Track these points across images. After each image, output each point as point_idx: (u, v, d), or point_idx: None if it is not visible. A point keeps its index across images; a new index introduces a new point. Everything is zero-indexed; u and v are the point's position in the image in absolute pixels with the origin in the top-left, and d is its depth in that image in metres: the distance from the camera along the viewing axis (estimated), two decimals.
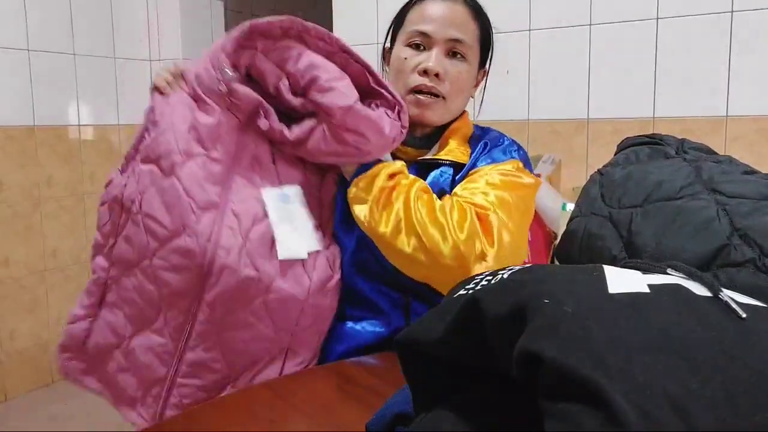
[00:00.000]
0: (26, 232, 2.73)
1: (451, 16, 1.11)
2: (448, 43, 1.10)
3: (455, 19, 1.11)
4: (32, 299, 2.76)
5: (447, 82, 1.11)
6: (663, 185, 0.70)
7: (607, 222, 0.70)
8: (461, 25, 1.11)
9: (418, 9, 1.13)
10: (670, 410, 0.36)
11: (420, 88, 1.10)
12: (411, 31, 1.12)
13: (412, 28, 1.12)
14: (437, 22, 1.10)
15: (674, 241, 0.63)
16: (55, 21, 2.77)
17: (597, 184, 0.77)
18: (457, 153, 1.13)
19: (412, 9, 1.15)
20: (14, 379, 2.71)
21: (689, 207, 0.65)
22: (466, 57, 1.12)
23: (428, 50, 1.11)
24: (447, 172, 1.12)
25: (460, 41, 1.11)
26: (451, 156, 1.12)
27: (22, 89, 2.67)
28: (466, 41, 1.11)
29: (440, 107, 1.12)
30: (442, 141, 1.16)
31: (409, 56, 1.11)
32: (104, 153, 3.02)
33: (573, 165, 2.14)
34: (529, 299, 0.44)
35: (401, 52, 1.13)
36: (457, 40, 1.10)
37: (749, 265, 0.58)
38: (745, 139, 1.89)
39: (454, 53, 1.12)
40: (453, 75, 1.11)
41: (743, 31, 1.86)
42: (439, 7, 1.11)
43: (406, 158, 1.15)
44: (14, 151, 2.66)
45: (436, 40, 1.10)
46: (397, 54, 1.14)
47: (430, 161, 1.13)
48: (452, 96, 1.12)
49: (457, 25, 1.11)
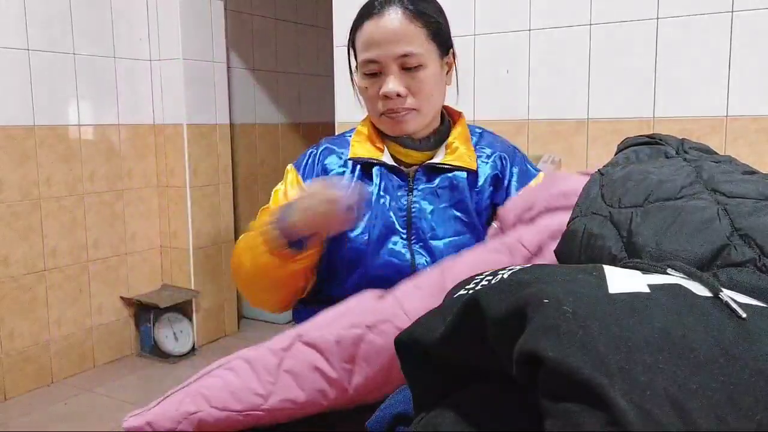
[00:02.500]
0: (26, 231, 2.73)
1: (391, 33, 1.07)
2: (398, 60, 1.08)
3: (396, 35, 1.07)
4: (32, 299, 2.76)
5: (411, 96, 1.10)
6: (663, 185, 0.69)
7: (608, 222, 0.70)
8: (404, 36, 1.08)
9: (360, 35, 1.11)
10: (671, 410, 0.36)
11: (389, 113, 1.11)
12: (361, 61, 1.11)
13: (362, 58, 1.11)
14: (380, 44, 1.08)
15: (674, 241, 0.63)
16: (55, 21, 2.77)
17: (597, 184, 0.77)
18: (465, 159, 1.15)
19: (357, 35, 1.12)
20: (14, 379, 2.71)
21: (689, 207, 0.65)
22: (422, 64, 1.10)
23: (384, 74, 1.09)
24: (461, 177, 1.14)
25: (408, 54, 1.08)
26: (460, 162, 1.14)
27: (22, 89, 2.67)
28: (415, 51, 1.08)
29: (415, 117, 1.12)
30: (449, 146, 1.16)
31: (369, 85, 1.11)
32: (104, 152, 3.02)
33: (573, 165, 2.14)
34: (529, 299, 0.44)
35: (361, 82, 1.13)
36: (405, 54, 1.08)
37: (749, 265, 0.58)
38: (745, 139, 1.89)
39: (409, 67, 1.09)
40: (415, 87, 1.10)
41: (743, 31, 1.86)
42: (376, 27, 1.08)
43: (412, 162, 1.16)
44: (14, 150, 2.66)
45: (386, 63, 1.08)
46: (359, 84, 1.15)
47: (440, 165, 1.14)
48: (423, 103, 1.12)
49: (399, 40, 1.07)
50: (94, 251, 3.01)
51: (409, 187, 1.14)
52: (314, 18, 4.07)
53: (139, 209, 3.21)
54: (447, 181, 1.14)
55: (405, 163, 1.16)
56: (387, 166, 1.15)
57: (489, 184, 1.15)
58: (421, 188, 1.14)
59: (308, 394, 0.77)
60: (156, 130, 3.22)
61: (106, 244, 3.06)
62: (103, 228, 3.04)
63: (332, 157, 1.18)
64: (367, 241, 1.10)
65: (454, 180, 1.14)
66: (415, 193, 1.14)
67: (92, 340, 3.02)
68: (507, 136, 2.01)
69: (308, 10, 4.04)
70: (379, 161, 1.14)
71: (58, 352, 2.87)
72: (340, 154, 1.18)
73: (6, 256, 2.66)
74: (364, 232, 1.11)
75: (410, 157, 1.16)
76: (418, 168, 1.14)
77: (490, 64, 2.26)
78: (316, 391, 0.77)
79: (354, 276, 1.10)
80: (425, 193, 1.14)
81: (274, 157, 3.88)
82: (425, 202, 1.13)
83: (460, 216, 1.13)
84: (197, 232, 3.25)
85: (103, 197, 3.03)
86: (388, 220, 1.12)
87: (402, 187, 1.14)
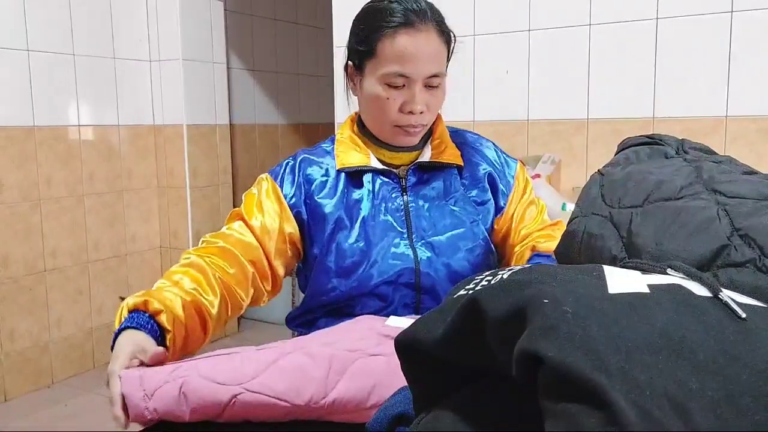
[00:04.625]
0: (26, 232, 2.73)
1: (426, 51, 1.07)
2: (426, 79, 1.09)
3: (430, 53, 1.07)
4: (32, 299, 2.76)
5: (429, 112, 1.12)
6: (663, 185, 0.69)
7: (608, 222, 0.70)
8: (436, 56, 1.09)
9: (390, 43, 1.07)
10: (670, 410, 0.36)
11: (407, 127, 1.11)
12: (389, 72, 1.07)
13: (391, 69, 1.07)
14: (414, 62, 1.06)
15: (674, 241, 0.63)
16: (54, 21, 2.77)
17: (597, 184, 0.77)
18: (452, 155, 1.18)
19: (382, 39, 1.07)
20: (14, 380, 2.71)
21: (689, 207, 0.65)
22: (441, 83, 1.12)
23: (408, 87, 1.08)
24: (450, 172, 1.18)
25: (437, 75, 1.09)
26: (448, 158, 1.18)
27: (21, 89, 2.67)
28: (441, 71, 1.11)
29: (423, 130, 1.15)
30: (434, 144, 1.19)
31: (392, 97, 1.09)
32: (104, 153, 3.02)
33: (573, 165, 2.14)
34: (529, 299, 0.44)
35: (380, 91, 1.09)
36: (436, 75, 1.09)
37: (749, 265, 0.58)
38: (745, 139, 1.89)
39: (432, 85, 1.10)
40: (432, 104, 1.12)
41: (743, 31, 1.86)
42: (412, 42, 1.06)
43: (400, 163, 1.18)
44: (14, 151, 2.66)
45: (415, 79, 1.08)
46: (374, 91, 1.10)
47: (430, 163, 1.17)
48: (433, 118, 1.16)
49: (432, 59, 1.08)
50: (94, 252, 3.01)
51: (402, 187, 1.16)
52: (314, 18, 4.07)
53: (139, 210, 3.21)
54: (438, 177, 1.17)
55: (393, 164, 1.17)
56: (378, 170, 1.15)
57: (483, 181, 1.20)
58: (414, 187, 1.16)
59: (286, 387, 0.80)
60: (156, 130, 3.22)
61: (106, 245, 3.06)
62: (103, 228, 3.04)
63: (314, 167, 1.17)
64: (364, 248, 1.11)
65: (444, 175, 1.17)
66: (410, 192, 1.16)
67: (92, 341, 3.02)
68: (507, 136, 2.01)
69: (308, 11, 4.04)
70: (369, 167, 1.15)
71: (59, 352, 2.87)
72: (320, 164, 1.17)
73: (6, 256, 2.66)
74: (359, 240, 1.11)
75: (398, 158, 1.18)
76: (408, 168, 1.17)
77: (490, 64, 2.26)
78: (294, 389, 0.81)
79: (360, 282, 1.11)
80: (419, 191, 1.16)
81: (273, 158, 3.88)
82: (421, 200, 1.15)
83: (456, 210, 1.15)
84: (197, 232, 3.25)
85: (103, 198, 3.03)
86: (386, 223, 1.12)
87: (395, 189, 1.15)
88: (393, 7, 1.08)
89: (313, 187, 1.15)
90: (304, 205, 1.14)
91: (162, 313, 0.95)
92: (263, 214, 1.13)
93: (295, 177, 1.16)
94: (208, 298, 1.04)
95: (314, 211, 1.14)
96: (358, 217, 1.12)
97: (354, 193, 1.14)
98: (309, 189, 1.15)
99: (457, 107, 2.29)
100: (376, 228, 1.12)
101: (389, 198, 1.14)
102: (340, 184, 1.15)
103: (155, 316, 0.95)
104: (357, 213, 1.13)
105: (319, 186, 1.15)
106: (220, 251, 1.09)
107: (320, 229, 1.13)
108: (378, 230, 1.12)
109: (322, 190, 1.15)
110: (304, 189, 1.15)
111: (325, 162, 1.18)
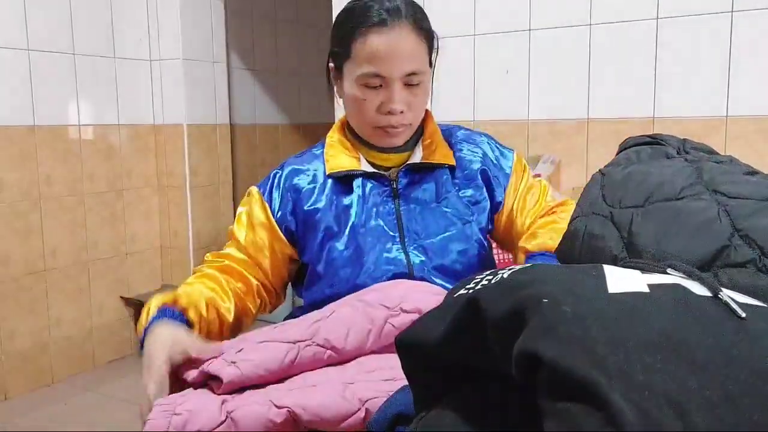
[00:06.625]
0: (26, 231, 2.73)
1: (401, 49, 1.04)
2: (404, 78, 1.06)
3: (406, 51, 1.05)
4: (32, 299, 2.76)
5: (410, 111, 1.09)
6: (664, 186, 0.69)
7: (608, 222, 0.70)
8: (412, 53, 1.06)
9: (362, 43, 1.05)
10: (669, 410, 0.36)
11: (387, 128, 1.09)
12: (365, 73, 1.05)
13: (365, 70, 1.05)
14: (389, 60, 1.04)
15: (675, 241, 0.63)
16: (55, 21, 2.77)
17: (598, 184, 0.77)
18: (443, 155, 1.16)
19: (356, 40, 1.05)
20: (14, 379, 2.71)
21: (690, 207, 0.65)
22: (422, 81, 1.09)
23: (385, 87, 1.06)
24: (442, 173, 1.15)
25: (415, 73, 1.06)
26: (440, 158, 1.15)
27: (22, 89, 2.67)
28: (421, 69, 1.07)
29: (407, 130, 1.12)
30: (425, 144, 1.16)
31: (368, 98, 1.07)
32: (104, 152, 3.02)
33: (573, 165, 2.14)
34: (529, 299, 0.44)
35: (357, 92, 1.08)
36: (413, 72, 1.06)
37: (750, 265, 0.58)
38: (745, 139, 1.89)
39: (411, 83, 1.07)
40: (414, 103, 1.09)
41: (743, 31, 1.86)
42: (386, 41, 1.03)
43: (390, 165, 1.15)
44: (14, 150, 2.66)
45: (392, 78, 1.05)
46: (352, 93, 1.09)
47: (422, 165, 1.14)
48: (416, 117, 1.12)
49: (408, 57, 1.05)
50: (94, 251, 3.01)
51: (393, 190, 1.13)
52: (314, 18, 4.06)
53: (139, 209, 3.21)
54: (430, 179, 1.15)
55: (383, 167, 1.15)
56: (367, 174, 1.13)
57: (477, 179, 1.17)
58: (405, 190, 1.14)
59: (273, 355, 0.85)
60: (156, 130, 3.22)
61: (106, 244, 3.06)
62: (103, 228, 3.04)
63: (300, 176, 1.15)
64: (354, 255, 1.09)
65: (436, 176, 1.15)
66: (401, 195, 1.13)
67: (92, 340, 3.02)
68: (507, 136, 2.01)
69: (308, 10, 4.04)
70: (359, 171, 1.13)
71: (59, 352, 2.87)
72: (307, 171, 1.16)
73: (6, 256, 2.66)
74: (348, 247, 1.10)
75: (389, 160, 1.15)
76: (399, 171, 1.14)
77: (490, 64, 2.26)
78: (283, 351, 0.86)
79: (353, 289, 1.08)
80: (410, 193, 1.14)
81: (274, 158, 3.88)
82: (412, 203, 1.13)
83: (448, 211, 1.13)
84: (197, 232, 3.25)
85: (103, 197, 3.03)
86: (378, 228, 1.11)
87: (386, 192, 1.13)
88: (366, 6, 1.06)
89: (300, 196, 1.13)
90: (293, 215, 1.13)
91: (191, 309, 0.99)
92: (254, 233, 1.14)
93: (282, 190, 1.15)
94: (225, 304, 1.07)
95: (303, 221, 1.13)
96: (348, 224, 1.11)
97: (344, 199, 1.12)
98: (297, 198, 1.13)
99: (458, 107, 2.29)
100: (367, 234, 1.10)
101: (380, 202, 1.12)
102: (327, 190, 1.13)
103: (185, 312, 0.99)
104: (346, 219, 1.11)
105: (307, 194, 1.13)
106: (225, 268, 1.13)
107: (311, 238, 1.12)
108: (369, 236, 1.10)
109: (310, 197, 1.13)
110: (292, 199, 1.14)
111: (312, 167, 1.16)
